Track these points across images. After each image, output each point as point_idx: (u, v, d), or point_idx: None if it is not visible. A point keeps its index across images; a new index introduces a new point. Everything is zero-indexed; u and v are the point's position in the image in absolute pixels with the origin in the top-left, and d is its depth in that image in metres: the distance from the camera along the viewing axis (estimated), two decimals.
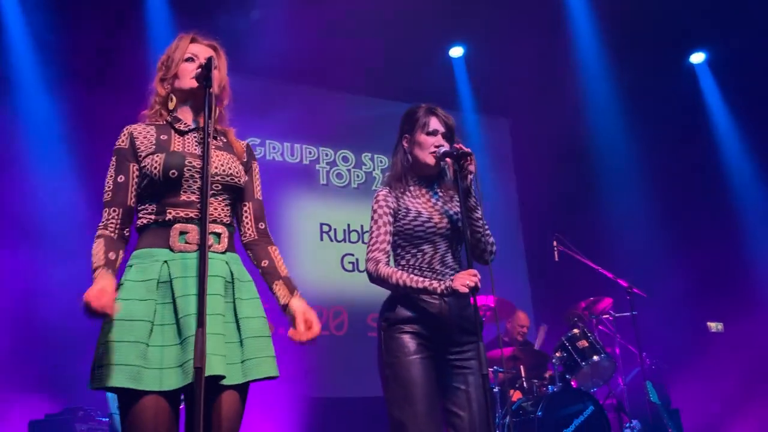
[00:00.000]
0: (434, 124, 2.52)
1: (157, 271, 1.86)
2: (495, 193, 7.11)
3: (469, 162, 2.41)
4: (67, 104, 5.15)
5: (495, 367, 4.72)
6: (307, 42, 5.60)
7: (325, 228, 6.36)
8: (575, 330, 4.69)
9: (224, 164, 2.00)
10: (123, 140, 2.00)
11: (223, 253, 1.96)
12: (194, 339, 1.69)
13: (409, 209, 2.46)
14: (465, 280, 2.26)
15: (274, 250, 2.11)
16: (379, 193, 2.50)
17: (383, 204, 2.46)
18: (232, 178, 2.01)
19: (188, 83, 2.02)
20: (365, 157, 6.74)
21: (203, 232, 1.75)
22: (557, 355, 4.65)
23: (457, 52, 6.75)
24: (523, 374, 4.81)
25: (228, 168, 2.00)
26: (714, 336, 5.81)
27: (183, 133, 2.03)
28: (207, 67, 1.92)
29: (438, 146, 2.49)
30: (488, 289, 2.41)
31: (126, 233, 1.98)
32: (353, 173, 6.63)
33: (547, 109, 6.64)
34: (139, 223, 1.98)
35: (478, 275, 2.28)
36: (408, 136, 2.56)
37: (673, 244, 6.25)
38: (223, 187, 1.99)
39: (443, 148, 2.48)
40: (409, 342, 2.33)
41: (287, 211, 6.13)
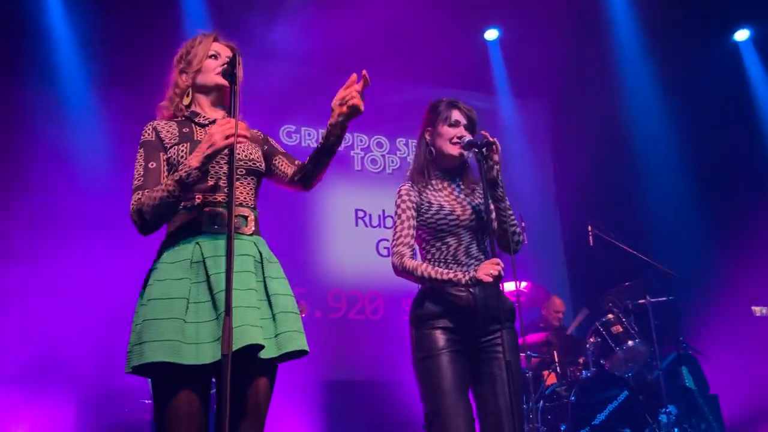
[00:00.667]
0: (456, 115, 2.54)
1: (190, 252, 1.94)
2: (532, 176, 7.06)
3: (494, 152, 2.43)
4: (109, 100, 5.23)
5: (528, 352, 4.74)
6: (340, 28, 5.62)
7: (360, 214, 6.42)
8: (609, 315, 4.65)
9: (245, 150, 2.11)
10: (149, 133, 2.09)
11: (251, 235, 2.04)
12: (223, 328, 1.73)
13: (432, 203, 2.49)
14: (488, 269, 2.31)
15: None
16: (401, 188, 2.54)
17: (406, 198, 2.50)
18: (254, 163, 2.12)
19: (213, 79, 2.12)
20: (399, 143, 6.76)
21: (230, 215, 1.80)
22: (591, 340, 4.63)
23: (491, 35, 6.68)
24: (556, 359, 4.81)
25: (249, 153, 2.12)
26: (757, 321, 5.68)
27: (203, 125, 2.13)
28: (232, 64, 2.00)
29: (461, 137, 2.51)
30: (519, 277, 2.44)
31: None
32: (388, 159, 6.67)
33: (584, 91, 6.53)
34: None
35: (501, 264, 2.32)
36: (430, 129, 2.58)
37: (715, 226, 6.11)
38: (246, 171, 2.09)
39: (467, 138, 2.50)
40: (439, 338, 2.39)
41: (322, 198, 6.21)
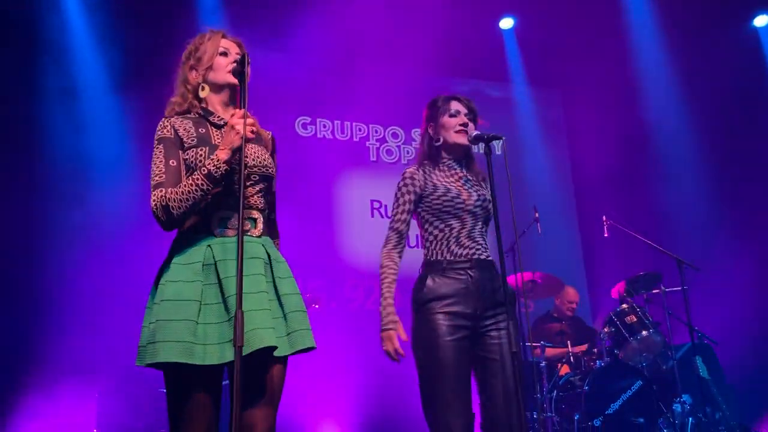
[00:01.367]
0: (455, 106, 2.59)
1: (202, 254, 1.97)
2: (548, 166, 7.03)
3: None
4: (133, 102, 5.15)
5: (542, 342, 4.76)
6: (356, 19, 5.62)
7: (376, 204, 6.45)
8: (624, 305, 4.66)
9: (259, 156, 2.12)
10: (167, 129, 2.06)
11: (259, 237, 2.07)
12: (235, 320, 1.79)
13: (437, 186, 2.51)
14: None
15: (276, 244, 2.21)
16: (406, 171, 2.57)
17: (408, 183, 2.53)
18: (267, 169, 2.13)
19: (224, 77, 2.12)
20: (415, 133, 6.77)
21: (240, 219, 1.86)
22: (605, 330, 4.63)
23: (507, 23, 6.66)
24: (570, 349, 4.83)
25: (262, 159, 2.13)
26: None
27: (219, 126, 2.13)
28: (242, 63, 2.04)
29: (464, 124, 2.55)
30: (530, 266, 2.46)
31: None
32: (403, 149, 6.69)
33: (601, 80, 6.47)
34: None
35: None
36: (432, 124, 2.62)
37: (732, 216, 6.04)
38: (259, 177, 2.11)
39: (475, 132, 2.53)
40: (441, 323, 2.38)
41: (338, 188, 6.26)
